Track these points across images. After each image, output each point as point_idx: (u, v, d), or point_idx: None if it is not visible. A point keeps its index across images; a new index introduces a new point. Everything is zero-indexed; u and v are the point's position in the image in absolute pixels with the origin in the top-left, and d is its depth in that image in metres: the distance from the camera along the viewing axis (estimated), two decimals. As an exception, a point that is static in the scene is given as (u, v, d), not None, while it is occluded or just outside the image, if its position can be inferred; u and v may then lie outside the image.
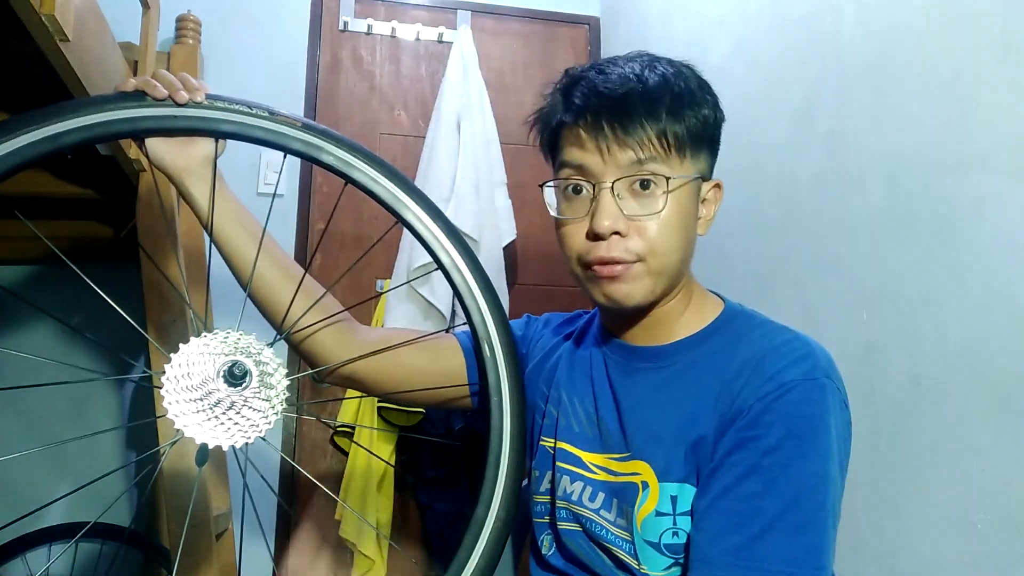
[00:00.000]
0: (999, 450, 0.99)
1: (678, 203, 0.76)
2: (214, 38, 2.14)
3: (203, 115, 0.75)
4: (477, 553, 0.72)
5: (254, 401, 0.69)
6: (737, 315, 0.83)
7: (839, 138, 1.37)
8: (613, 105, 0.75)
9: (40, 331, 2.11)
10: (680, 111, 0.76)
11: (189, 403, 0.67)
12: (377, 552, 2.02)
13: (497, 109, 2.27)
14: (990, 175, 1.03)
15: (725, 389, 0.74)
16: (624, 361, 0.84)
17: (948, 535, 1.06)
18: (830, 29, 1.40)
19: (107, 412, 2.10)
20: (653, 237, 0.75)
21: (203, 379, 0.68)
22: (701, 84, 0.80)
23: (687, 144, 0.76)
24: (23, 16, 0.89)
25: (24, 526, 1.88)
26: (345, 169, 0.77)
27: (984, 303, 1.03)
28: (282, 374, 0.70)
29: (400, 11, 2.46)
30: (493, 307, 0.79)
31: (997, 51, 1.03)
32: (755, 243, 1.62)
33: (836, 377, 0.74)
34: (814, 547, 0.67)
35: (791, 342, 0.75)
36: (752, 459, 0.70)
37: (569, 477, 0.85)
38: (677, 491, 0.75)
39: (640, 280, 0.77)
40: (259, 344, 0.70)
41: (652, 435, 0.78)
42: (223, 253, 0.82)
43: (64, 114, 0.70)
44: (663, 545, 0.75)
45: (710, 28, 1.89)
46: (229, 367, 0.68)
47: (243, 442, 0.68)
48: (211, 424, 0.68)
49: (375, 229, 2.31)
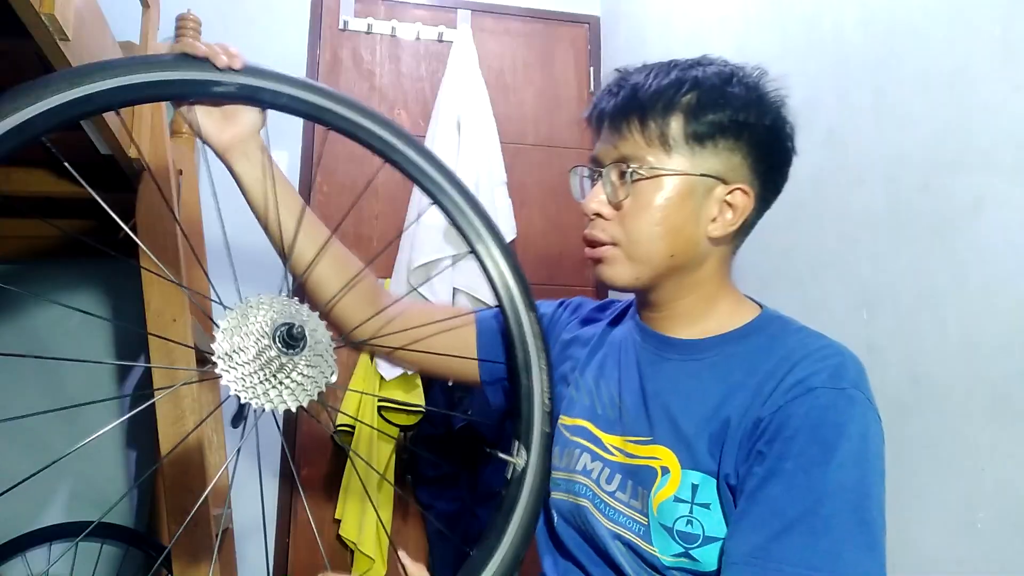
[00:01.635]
0: (999, 450, 0.99)
1: (666, 196, 0.79)
2: (214, 37, 2.12)
3: (244, 81, 0.75)
4: (522, 504, 0.75)
5: (303, 366, 0.68)
6: (774, 320, 0.84)
7: (839, 138, 1.37)
8: (614, 102, 0.81)
9: (39, 331, 2.12)
10: (673, 110, 0.78)
11: (243, 366, 0.66)
12: (377, 552, 2.02)
13: (497, 108, 2.27)
14: (990, 174, 1.03)
15: (757, 390, 0.75)
16: (655, 350, 0.86)
17: (948, 535, 1.06)
18: (830, 29, 1.40)
19: (104, 413, 2.10)
20: (627, 223, 0.80)
21: (256, 339, 0.67)
22: (723, 87, 0.80)
23: (683, 142, 0.79)
24: (23, 16, 0.89)
25: (24, 526, 1.88)
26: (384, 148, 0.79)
27: (984, 303, 1.03)
28: (327, 336, 0.70)
29: (400, 10, 2.45)
30: (522, 288, 0.83)
31: (997, 51, 1.03)
32: (755, 243, 1.62)
33: (865, 387, 0.74)
34: (832, 552, 0.67)
35: (824, 349, 0.76)
36: (775, 463, 0.70)
37: (589, 456, 0.86)
38: (700, 480, 0.76)
39: (618, 264, 0.82)
40: (305, 308, 0.70)
41: (676, 422, 0.79)
42: (264, 226, 0.86)
43: (116, 70, 0.69)
44: (676, 531, 0.76)
45: (710, 28, 1.89)
46: (287, 329, 0.67)
47: (296, 405, 0.67)
48: (264, 387, 0.67)
49: (375, 229, 2.31)
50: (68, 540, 1.93)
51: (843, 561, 0.67)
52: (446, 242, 2.00)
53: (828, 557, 0.67)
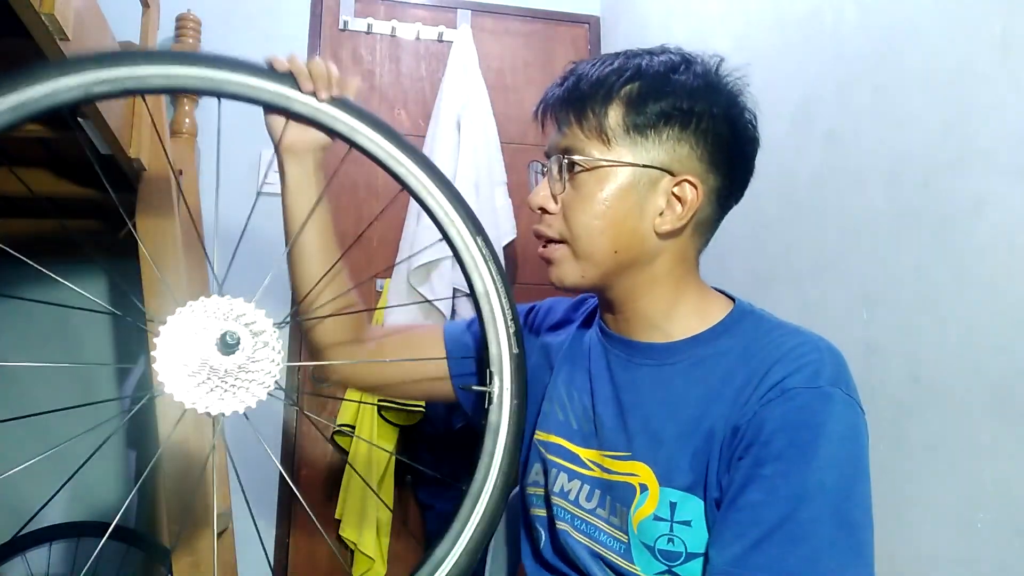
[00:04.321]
0: (999, 450, 0.99)
1: (609, 188, 0.76)
2: (214, 37, 2.14)
3: (327, 111, 0.79)
4: (473, 522, 0.75)
5: (251, 364, 0.68)
6: (747, 315, 0.81)
7: (839, 137, 1.37)
8: (557, 93, 0.81)
9: (37, 327, 2.12)
10: (613, 101, 0.76)
11: (189, 378, 0.66)
12: (377, 552, 2.02)
13: (497, 108, 2.27)
14: (990, 174, 1.03)
15: (735, 397, 0.73)
16: (626, 357, 0.83)
17: (948, 535, 1.06)
18: (830, 28, 1.40)
19: (106, 411, 2.11)
20: (573, 219, 0.78)
21: (195, 353, 0.67)
22: (669, 76, 0.77)
23: (624, 133, 0.76)
24: (23, 16, 0.89)
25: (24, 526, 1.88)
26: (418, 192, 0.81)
27: (984, 303, 1.03)
28: (271, 324, 0.69)
29: (400, 10, 2.46)
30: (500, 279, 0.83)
31: (997, 50, 1.03)
32: (755, 243, 1.62)
33: (844, 383, 0.72)
34: (811, 558, 0.65)
35: (799, 347, 0.74)
36: (753, 469, 0.69)
37: (566, 475, 0.84)
38: (679, 499, 0.74)
39: (565, 263, 0.80)
40: (240, 304, 0.69)
41: (655, 436, 0.77)
42: (288, 230, 0.87)
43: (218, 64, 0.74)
44: (657, 550, 0.75)
45: (710, 27, 1.89)
46: (221, 337, 0.67)
47: (255, 401, 0.68)
48: (218, 393, 0.67)
49: (375, 229, 2.31)
50: (68, 540, 1.93)
51: (822, 566, 0.65)
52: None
53: (806, 563, 0.65)
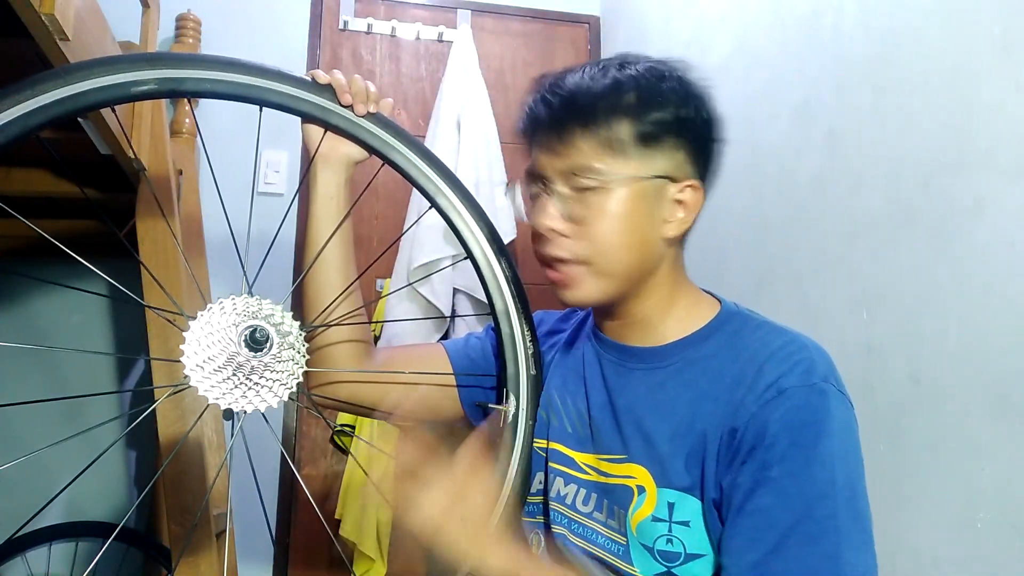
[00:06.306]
0: (999, 450, 0.99)
1: (624, 203, 0.75)
2: (214, 37, 2.14)
3: (364, 125, 0.84)
4: (518, 448, 0.78)
5: (276, 363, 0.70)
6: (733, 316, 0.81)
7: (839, 138, 1.37)
8: (553, 111, 0.77)
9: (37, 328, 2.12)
10: (618, 114, 0.75)
11: (215, 373, 0.68)
12: (377, 552, 2.02)
13: (497, 108, 2.27)
14: (990, 175, 1.03)
15: (727, 398, 0.73)
16: (619, 361, 0.84)
17: (948, 535, 1.06)
18: (830, 28, 1.40)
19: (105, 413, 2.11)
20: (593, 238, 0.76)
21: (223, 347, 0.69)
22: (660, 84, 0.77)
23: (632, 145, 0.75)
24: (23, 16, 0.90)
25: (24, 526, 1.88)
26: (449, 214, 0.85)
27: (984, 303, 1.03)
28: (295, 324, 0.72)
29: (400, 10, 2.46)
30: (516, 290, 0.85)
31: (997, 51, 1.03)
32: (755, 243, 1.62)
33: (835, 379, 0.73)
34: (831, 555, 0.66)
35: (788, 346, 0.74)
36: (760, 472, 0.69)
37: (563, 479, 0.85)
38: (676, 499, 0.75)
39: (585, 282, 0.78)
40: (267, 303, 0.71)
41: (649, 439, 0.77)
42: (308, 235, 0.89)
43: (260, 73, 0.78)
44: (656, 551, 0.75)
45: (710, 28, 1.89)
46: (251, 332, 0.69)
47: (276, 401, 0.70)
48: (241, 390, 0.69)
49: (375, 229, 2.31)
50: (68, 540, 1.93)
51: (843, 561, 0.66)
52: (446, 242, 2.00)
53: (828, 560, 0.66)
